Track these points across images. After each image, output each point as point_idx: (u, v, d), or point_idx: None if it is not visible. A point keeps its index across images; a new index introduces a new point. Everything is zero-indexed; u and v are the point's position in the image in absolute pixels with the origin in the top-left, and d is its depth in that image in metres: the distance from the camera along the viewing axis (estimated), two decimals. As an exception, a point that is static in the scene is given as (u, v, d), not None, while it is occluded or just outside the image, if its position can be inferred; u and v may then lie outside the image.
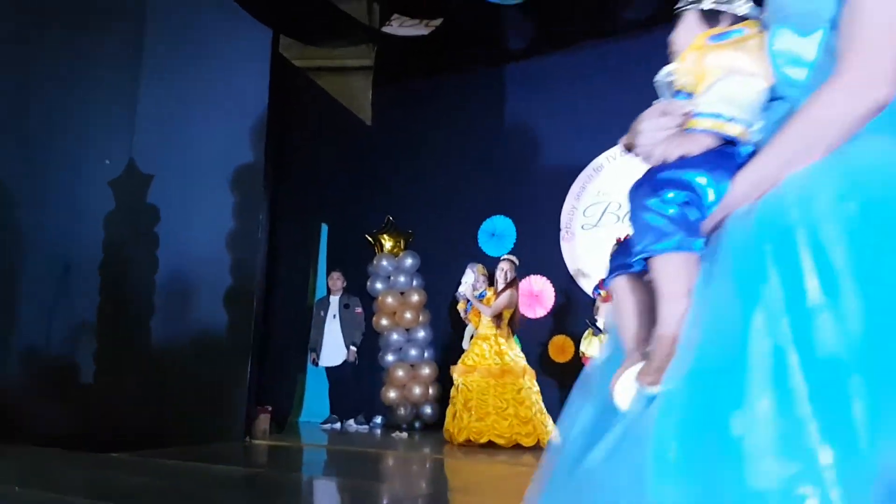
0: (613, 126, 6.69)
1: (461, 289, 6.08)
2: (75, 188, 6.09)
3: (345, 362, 7.16)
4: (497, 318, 5.79)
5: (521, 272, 7.31)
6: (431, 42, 6.87)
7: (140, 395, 5.69)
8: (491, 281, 6.14)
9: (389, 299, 7.21)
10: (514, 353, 5.77)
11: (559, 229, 7.20)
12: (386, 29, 6.39)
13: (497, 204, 7.55)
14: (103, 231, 6.12)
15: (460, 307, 6.29)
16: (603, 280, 5.15)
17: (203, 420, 5.36)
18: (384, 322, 7.28)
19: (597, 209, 7.02)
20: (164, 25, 6.08)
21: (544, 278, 7.20)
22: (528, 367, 5.77)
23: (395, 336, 7.17)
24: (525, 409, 5.55)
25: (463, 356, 5.91)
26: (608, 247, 6.74)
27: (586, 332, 5.51)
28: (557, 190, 7.22)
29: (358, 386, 7.16)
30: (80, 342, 6.10)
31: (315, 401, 7.60)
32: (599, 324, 5.12)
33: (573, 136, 7.18)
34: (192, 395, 5.45)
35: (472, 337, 6.06)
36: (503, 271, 5.87)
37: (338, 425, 7.11)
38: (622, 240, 5.10)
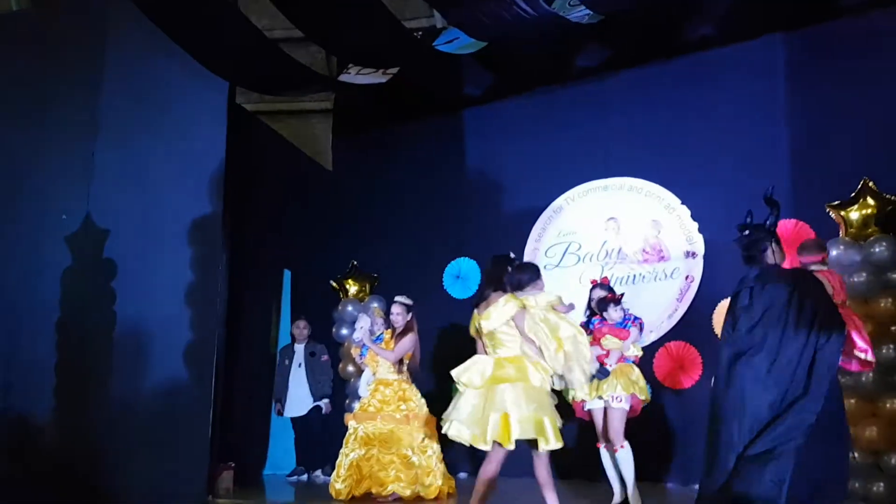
0: (570, 168, 6.88)
1: (357, 334, 5.81)
2: (34, 245, 6.02)
3: (310, 412, 7.09)
4: (398, 362, 5.57)
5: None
6: (389, 89, 6.96)
7: (98, 455, 5.55)
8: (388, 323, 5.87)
9: (352, 347, 7.16)
10: (419, 399, 5.57)
11: (522, 270, 7.24)
12: (343, 77, 6.43)
13: (461, 246, 7.59)
14: (60, 287, 6.03)
15: (354, 352, 5.99)
16: (581, 324, 5.04)
17: (163, 480, 5.22)
18: (350, 369, 7.22)
19: (558, 249, 7.10)
20: (121, 79, 6.09)
21: (509, 319, 7.22)
22: (430, 415, 5.51)
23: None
24: (427, 458, 5.36)
25: (362, 402, 5.64)
26: (572, 286, 6.84)
27: None
28: (519, 231, 7.29)
29: (325, 435, 7.05)
30: (37, 400, 5.95)
31: (280, 453, 7.45)
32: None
33: (532, 179, 7.29)
34: (151, 454, 5.32)
35: (369, 383, 5.81)
36: (396, 315, 5.64)
37: (304, 477, 6.99)
38: (597, 282, 5.12)
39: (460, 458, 6.87)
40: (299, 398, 7.13)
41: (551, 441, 3.66)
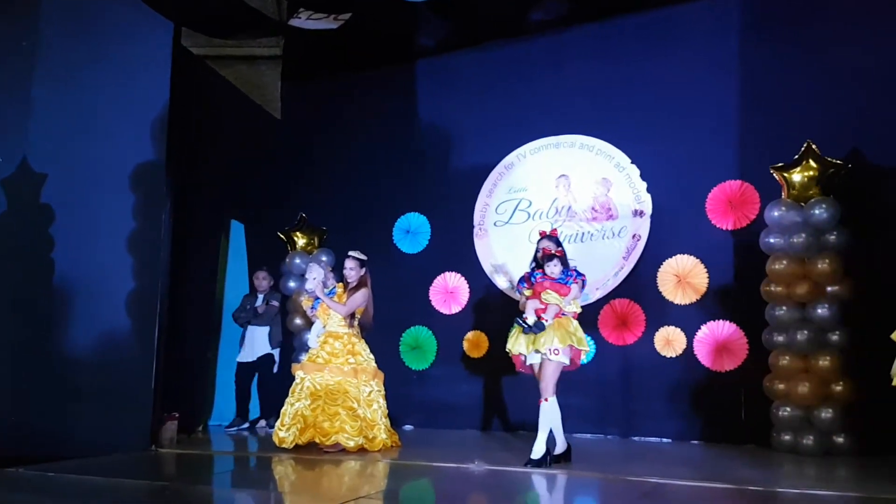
0: (523, 124, 6.83)
1: (308, 285, 5.72)
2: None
3: (259, 360, 7.07)
4: (350, 316, 5.58)
5: (437, 269, 7.35)
6: (341, 37, 6.79)
7: (39, 405, 5.42)
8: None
9: (303, 298, 7.10)
10: (367, 354, 5.61)
11: (473, 226, 7.26)
12: (293, 22, 6.25)
13: (411, 201, 7.55)
14: (-6, 233, 5.78)
15: (306, 304, 5.95)
16: (526, 276, 5.06)
17: (107, 430, 5.14)
18: (298, 321, 7.17)
19: (509, 206, 7.12)
20: (60, 18, 5.78)
21: (459, 275, 7.26)
22: (378, 369, 5.60)
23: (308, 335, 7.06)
24: (373, 411, 5.43)
25: (310, 353, 5.66)
26: (521, 243, 6.89)
27: (513, 330, 4.87)
28: (470, 187, 7.28)
29: (271, 386, 7.04)
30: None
31: (226, 403, 7.40)
32: (530, 320, 4.69)
33: (485, 134, 7.25)
34: (94, 404, 5.22)
35: (319, 335, 5.77)
36: (349, 269, 5.62)
37: (244, 427, 6.99)
38: (545, 233, 5.13)
39: (406, 411, 6.95)
40: (252, 346, 7.12)
41: None
